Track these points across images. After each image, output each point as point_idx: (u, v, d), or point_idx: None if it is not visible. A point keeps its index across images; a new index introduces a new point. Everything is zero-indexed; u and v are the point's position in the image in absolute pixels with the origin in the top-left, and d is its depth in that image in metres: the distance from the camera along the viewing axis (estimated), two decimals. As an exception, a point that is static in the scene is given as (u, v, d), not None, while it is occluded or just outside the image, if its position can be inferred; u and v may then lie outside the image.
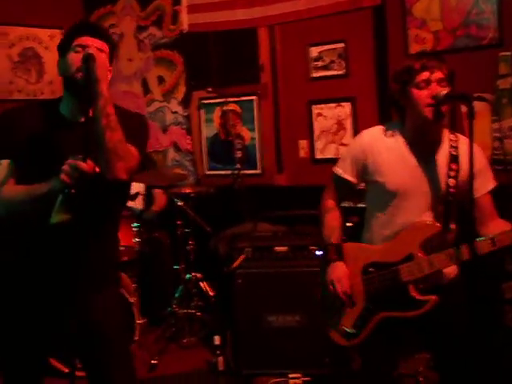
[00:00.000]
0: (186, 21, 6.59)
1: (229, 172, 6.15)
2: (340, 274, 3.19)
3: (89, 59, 2.65)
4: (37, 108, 2.95)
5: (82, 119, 2.75)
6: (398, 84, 3.09)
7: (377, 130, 3.25)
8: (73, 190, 2.56)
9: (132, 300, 4.97)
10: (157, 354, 5.16)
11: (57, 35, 7.03)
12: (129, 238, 5.31)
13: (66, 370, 4.38)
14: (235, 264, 4.75)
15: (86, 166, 2.56)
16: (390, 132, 3.19)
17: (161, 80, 6.99)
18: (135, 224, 5.39)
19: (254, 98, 6.37)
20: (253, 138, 6.40)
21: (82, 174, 2.55)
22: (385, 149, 3.16)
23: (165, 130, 6.97)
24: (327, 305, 3.33)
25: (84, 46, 2.75)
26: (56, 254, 2.79)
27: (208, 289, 5.72)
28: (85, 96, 2.70)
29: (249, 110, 6.40)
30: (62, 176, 2.56)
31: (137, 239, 5.36)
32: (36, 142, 2.81)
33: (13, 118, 2.91)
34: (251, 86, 6.39)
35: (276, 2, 5.99)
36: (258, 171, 6.38)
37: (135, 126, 2.90)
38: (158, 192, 5.97)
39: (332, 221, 3.35)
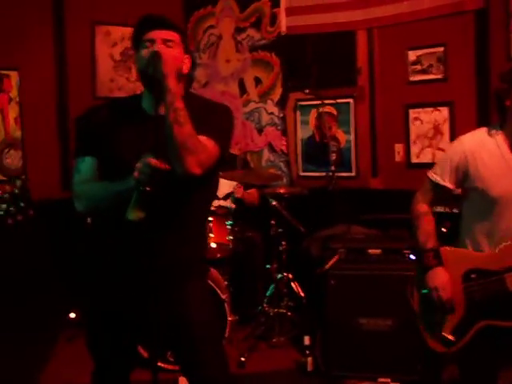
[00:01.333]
0: (284, 23, 6.64)
1: (323, 174, 6.16)
2: (443, 280, 3.15)
3: (154, 56, 2.67)
4: (118, 104, 3.04)
5: (155, 113, 2.77)
6: (505, 83, 3.02)
7: (477, 135, 3.17)
8: (147, 188, 2.59)
9: (224, 297, 5.00)
10: (246, 351, 5.20)
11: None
12: (223, 235, 5.37)
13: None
14: (328, 265, 4.75)
15: (157, 162, 2.57)
16: (492, 134, 3.12)
17: (258, 81, 7.04)
18: (229, 222, 5.45)
19: (350, 100, 6.37)
20: (348, 141, 6.40)
21: (153, 171, 2.57)
22: (486, 154, 3.08)
23: (260, 130, 7.02)
24: (425, 310, 3.29)
25: (152, 40, 2.78)
26: (137, 247, 2.80)
27: (299, 289, 5.73)
28: (157, 89, 2.73)
29: (345, 112, 6.40)
30: (135, 173, 2.59)
31: (230, 237, 5.41)
32: (117, 137, 2.86)
33: (94, 115, 3.00)
34: (348, 89, 6.39)
35: (377, 4, 5.98)
36: (352, 174, 6.37)
37: (216, 118, 2.87)
38: (249, 189, 6.00)
39: (427, 225, 3.29)
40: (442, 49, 5.81)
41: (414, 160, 6.03)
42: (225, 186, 5.82)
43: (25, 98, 6.35)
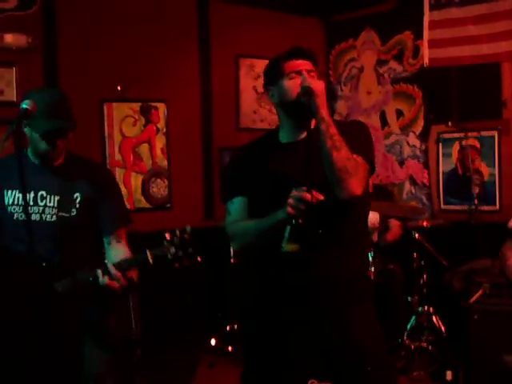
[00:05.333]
0: (427, 55, 6.60)
1: (465, 207, 6.07)
2: None
3: (307, 92, 2.73)
4: (259, 142, 3.12)
5: (302, 136, 2.93)
6: None
7: None
8: (300, 221, 2.62)
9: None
10: (386, 384, 5.15)
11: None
12: (364, 267, 5.36)
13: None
14: (472, 299, 4.67)
15: (310, 196, 2.61)
16: None
17: (399, 113, 7.03)
18: (370, 253, 5.44)
19: (494, 133, 6.26)
20: (492, 175, 6.28)
21: (307, 205, 2.61)
22: None
23: (402, 163, 7.00)
24: None
25: (297, 72, 2.85)
26: (295, 277, 2.86)
27: (440, 323, 5.65)
28: (305, 116, 2.85)
29: (489, 145, 6.29)
30: (288, 209, 2.63)
31: (372, 269, 5.40)
32: (263, 175, 2.95)
33: (240, 158, 3.13)
34: (492, 122, 6.28)
35: (523, 35, 5.88)
36: (495, 208, 6.24)
37: (356, 135, 2.90)
38: (393, 222, 5.99)
39: None
40: None
41: (562, 195, 5.87)
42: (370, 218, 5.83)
43: (171, 128, 6.59)
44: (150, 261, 2.87)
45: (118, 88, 6.20)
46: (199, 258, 2.87)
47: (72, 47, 5.89)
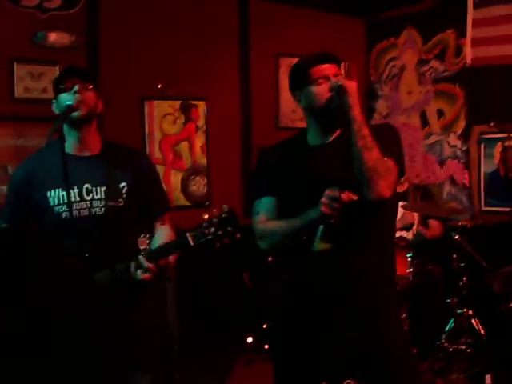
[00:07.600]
0: (469, 54, 6.52)
1: (507, 209, 6.00)
2: None
3: (340, 90, 2.77)
4: (288, 143, 3.12)
5: (331, 139, 2.95)
6: None
7: None
8: (333, 220, 2.68)
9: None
10: (423, 386, 5.11)
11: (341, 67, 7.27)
12: (402, 267, 5.33)
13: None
14: (513, 302, 4.63)
15: (345, 196, 2.65)
16: None
17: (440, 113, 6.96)
18: (409, 254, 5.40)
19: (537, 134, 6.17)
20: (535, 176, 6.20)
21: (341, 204, 2.65)
22: None
23: (442, 163, 6.93)
24: None
25: (325, 77, 2.86)
26: (325, 277, 2.87)
27: (479, 326, 5.58)
28: (333, 121, 2.92)
29: (532, 146, 6.21)
30: (323, 208, 2.68)
31: (410, 269, 5.36)
32: (293, 176, 2.97)
33: (270, 157, 3.14)
34: (535, 122, 6.20)
35: None
36: (539, 210, 6.15)
37: (387, 138, 2.91)
38: (433, 222, 5.93)
39: None
40: None
41: None
42: (407, 217, 5.79)
43: (211, 126, 6.61)
44: (191, 243, 2.87)
45: (159, 86, 6.22)
46: (239, 235, 2.87)
47: (114, 46, 5.93)
